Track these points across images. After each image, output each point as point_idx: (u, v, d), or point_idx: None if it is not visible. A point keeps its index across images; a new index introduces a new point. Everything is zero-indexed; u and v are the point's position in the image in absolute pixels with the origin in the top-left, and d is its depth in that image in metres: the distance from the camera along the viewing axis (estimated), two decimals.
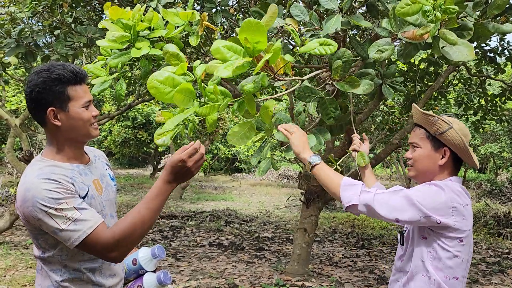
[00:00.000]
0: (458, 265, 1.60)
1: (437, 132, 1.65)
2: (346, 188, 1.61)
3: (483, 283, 4.95)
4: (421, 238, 1.64)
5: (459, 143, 1.63)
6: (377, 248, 6.66)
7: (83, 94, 1.50)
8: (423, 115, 1.67)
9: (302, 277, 4.79)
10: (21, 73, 8.59)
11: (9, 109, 9.84)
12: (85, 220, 1.38)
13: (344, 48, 1.82)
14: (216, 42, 1.47)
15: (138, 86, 7.99)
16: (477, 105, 6.56)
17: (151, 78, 1.42)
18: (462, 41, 1.59)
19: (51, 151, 1.52)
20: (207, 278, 4.83)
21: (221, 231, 7.62)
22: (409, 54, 1.79)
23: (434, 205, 1.53)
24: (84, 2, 4.48)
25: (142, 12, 1.83)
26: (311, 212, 4.90)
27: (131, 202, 10.92)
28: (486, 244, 7.06)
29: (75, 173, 1.50)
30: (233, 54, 1.45)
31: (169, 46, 1.62)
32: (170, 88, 1.44)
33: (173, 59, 1.63)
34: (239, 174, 21.10)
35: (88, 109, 1.52)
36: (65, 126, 1.49)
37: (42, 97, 1.45)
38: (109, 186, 1.67)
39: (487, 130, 11.98)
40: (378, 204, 1.55)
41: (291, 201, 11.78)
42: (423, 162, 1.69)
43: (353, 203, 1.58)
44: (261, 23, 1.37)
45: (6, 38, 4.07)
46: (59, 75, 1.45)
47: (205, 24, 1.98)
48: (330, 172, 1.68)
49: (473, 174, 16.58)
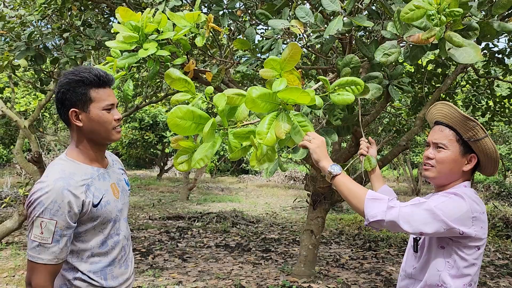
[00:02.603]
0: (475, 272, 1.59)
1: (472, 138, 1.58)
2: (371, 202, 1.54)
3: (491, 286, 4.91)
4: (439, 247, 1.61)
5: (492, 153, 1.59)
6: (384, 250, 6.63)
7: (105, 97, 1.55)
8: (463, 118, 1.57)
9: (309, 278, 4.79)
10: (30, 75, 8.68)
11: (18, 110, 9.95)
12: (44, 249, 1.44)
13: (352, 54, 1.82)
14: (250, 91, 1.45)
15: (145, 87, 8.03)
16: (485, 107, 6.52)
17: (171, 116, 1.43)
18: (469, 43, 1.59)
19: (75, 151, 1.59)
20: (214, 279, 4.84)
21: (228, 232, 7.63)
22: (415, 56, 1.79)
23: (457, 216, 1.50)
24: (93, 5, 4.53)
25: (152, 14, 1.85)
26: (318, 213, 4.90)
27: (138, 203, 10.98)
28: (494, 246, 7.01)
29: (94, 178, 1.57)
30: (265, 104, 1.48)
31: (172, 71, 1.58)
32: (191, 121, 1.45)
33: (179, 84, 1.59)
34: (245, 175, 21.12)
35: (110, 112, 1.56)
36: (86, 127, 1.55)
37: (66, 97, 1.53)
38: (124, 191, 1.72)
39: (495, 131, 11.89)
40: (402, 220, 1.50)
41: (298, 203, 11.77)
42: (448, 165, 1.63)
43: (379, 219, 1.52)
44: (306, 92, 1.42)
45: (16, 41, 4.12)
46: (82, 78, 1.51)
47: (211, 26, 2.00)
48: (351, 184, 1.61)
49: (481, 176, 16.45)
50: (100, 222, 1.56)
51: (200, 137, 1.54)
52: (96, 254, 1.57)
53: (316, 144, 1.65)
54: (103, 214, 1.56)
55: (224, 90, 1.63)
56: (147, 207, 10.47)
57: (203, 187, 15.85)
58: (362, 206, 1.55)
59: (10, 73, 4.71)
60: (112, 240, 1.61)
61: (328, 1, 1.99)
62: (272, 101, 1.47)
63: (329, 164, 1.63)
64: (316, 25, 2.01)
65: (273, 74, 1.53)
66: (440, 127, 1.66)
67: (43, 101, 7.64)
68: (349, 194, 1.60)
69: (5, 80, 8.19)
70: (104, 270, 1.58)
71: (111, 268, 1.60)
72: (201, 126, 1.45)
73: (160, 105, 13.79)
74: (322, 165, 1.64)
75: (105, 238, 1.58)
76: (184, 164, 1.56)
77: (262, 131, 1.47)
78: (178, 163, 1.56)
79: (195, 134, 1.54)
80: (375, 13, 2.13)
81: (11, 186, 11.38)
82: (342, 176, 1.63)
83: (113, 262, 1.61)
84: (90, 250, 1.55)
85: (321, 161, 1.65)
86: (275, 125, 1.48)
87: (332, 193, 4.91)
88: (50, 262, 1.44)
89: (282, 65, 1.53)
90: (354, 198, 1.58)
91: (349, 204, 1.62)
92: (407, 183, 17.15)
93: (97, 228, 1.56)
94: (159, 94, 8.72)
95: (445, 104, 1.65)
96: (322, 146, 1.67)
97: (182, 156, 1.57)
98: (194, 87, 1.61)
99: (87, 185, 1.52)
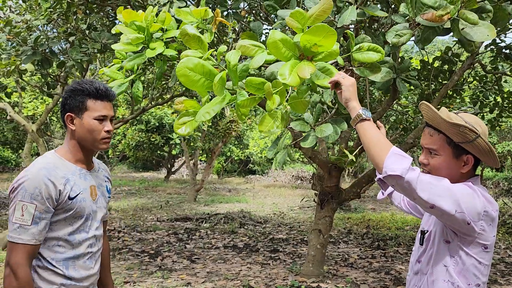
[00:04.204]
0: (481, 271, 1.56)
1: (462, 141, 1.52)
2: (395, 156, 1.42)
3: (502, 283, 4.86)
4: (443, 241, 1.58)
5: (487, 152, 1.54)
6: (393, 248, 6.59)
7: (100, 108, 1.71)
8: (447, 124, 1.50)
9: (317, 278, 4.77)
10: (37, 79, 8.74)
11: (26, 115, 10.03)
12: (24, 230, 1.57)
13: (364, 35, 1.79)
14: (272, 34, 1.39)
15: (151, 89, 8.06)
16: (493, 103, 6.46)
17: (181, 66, 1.39)
18: (483, 22, 1.55)
19: (64, 150, 1.75)
20: (222, 280, 4.84)
21: (236, 233, 7.63)
22: (427, 38, 1.74)
23: (469, 205, 1.46)
24: (98, 9, 4.55)
25: (155, 13, 1.85)
26: (326, 213, 4.88)
27: (146, 205, 11.02)
28: (504, 244, 6.94)
29: (75, 175, 1.71)
30: (286, 50, 1.41)
31: (188, 27, 1.54)
32: (200, 75, 1.41)
33: (193, 42, 1.56)
34: (252, 176, 21.12)
35: (101, 123, 1.72)
36: (78, 132, 1.72)
37: (67, 102, 1.72)
38: (103, 196, 1.84)
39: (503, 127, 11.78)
40: (420, 185, 1.41)
41: (305, 202, 11.74)
42: (445, 171, 1.57)
43: (398, 174, 1.39)
44: (333, 30, 1.34)
45: (23, 46, 4.15)
46: (83, 88, 1.70)
47: (219, 20, 1.98)
48: (378, 133, 1.49)
49: (490, 172, 16.31)
50: (72, 216, 1.68)
51: (204, 100, 1.50)
52: (62, 245, 1.67)
53: (350, 82, 1.52)
54: (77, 209, 1.68)
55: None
56: (155, 209, 10.51)
57: (210, 188, 15.87)
58: (384, 156, 1.43)
59: (17, 77, 4.75)
60: (80, 236, 1.71)
61: None
62: (293, 50, 1.40)
63: (360, 106, 1.52)
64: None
65: (297, 25, 1.43)
66: (429, 131, 1.60)
67: (50, 105, 7.70)
68: (372, 141, 1.47)
69: (12, 84, 8.27)
70: (66, 261, 1.68)
71: (74, 261, 1.69)
72: (209, 82, 1.40)
73: (166, 107, 13.84)
74: (353, 106, 1.51)
75: (73, 231, 1.69)
76: (187, 125, 1.49)
77: (284, 72, 1.37)
78: (179, 124, 1.50)
79: None
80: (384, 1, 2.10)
81: None
82: (371, 122, 1.51)
83: (77, 256, 1.70)
84: (57, 239, 1.66)
85: (351, 101, 1.52)
86: (298, 67, 1.39)
87: (339, 192, 4.89)
88: (29, 242, 1.57)
89: (309, 21, 1.42)
90: (377, 146, 1.46)
91: (368, 152, 1.49)
92: None
93: (68, 220, 1.68)
94: (165, 96, 8.75)
95: (427, 107, 1.57)
96: (354, 86, 1.54)
97: (185, 117, 1.50)
98: (207, 46, 1.57)
99: (67, 179, 1.67)
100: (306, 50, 1.42)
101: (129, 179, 18.48)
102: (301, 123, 2.03)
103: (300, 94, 1.55)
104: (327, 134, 1.88)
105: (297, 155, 18.39)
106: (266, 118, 1.52)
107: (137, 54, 1.86)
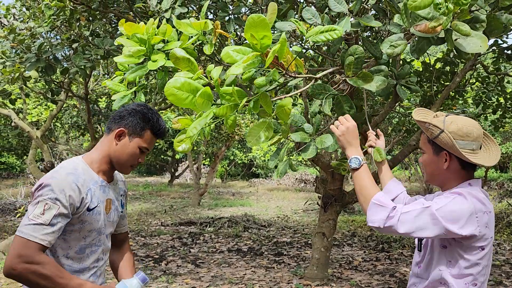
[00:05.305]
0: (478, 271, 1.57)
1: (431, 136, 1.62)
2: (374, 208, 1.56)
3: (507, 285, 4.84)
4: (441, 247, 1.60)
5: (451, 147, 1.57)
6: (397, 251, 6.58)
7: (149, 142, 1.76)
8: (417, 122, 1.65)
9: (322, 281, 4.77)
10: (41, 86, 8.80)
11: (30, 121, 10.09)
12: (41, 229, 1.53)
13: (356, 45, 1.82)
14: (225, 48, 1.51)
15: (154, 95, 8.10)
16: (496, 104, 6.44)
17: (168, 86, 1.46)
18: (476, 33, 1.57)
19: (91, 158, 1.75)
20: (227, 283, 4.85)
21: (240, 237, 7.64)
22: (422, 48, 1.76)
23: (458, 220, 1.49)
24: (101, 16, 4.59)
25: (156, 25, 1.87)
26: (329, 216, 4.88)
27: (150, 210, 11.04)
28: (509, 245, 6.91)
29: (97, 187, 1.71)
30: (242, 56, 1.49)
31: (177, 50, 1.61)
32: (188, 93, 1.48)
33: (183, 64, 1.62)
34: (256, 179, 21.10)
35: (141, 154, 1.76)
36: (118, 149, 1.73)
37: (126, 118, 1.73)
38: (116, 210, 1.84)
39: (507, 128, 11.73)
40: (402, 226, 1.51)
41: (309, 205, 11.73)
42: (430, 167, 1.68)
43: (376, 226, 1.55)
44: (264, 17, 1.39)
45: (27, 53, 4.19)
46: (150, 118, 1.74)
47: (218, 32, 2.01)
48: (365, 181, 1.64)
49: (494, 173, 16.24)
50: (86, 229, 1.67)
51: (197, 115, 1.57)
52: (71, 257, 1.66)
53: (341, 131, 1.66)
54: (92, 221, 1.67)
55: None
56: (159, 214, 10.52)
57: (214, 192, 15.88)
58: (366, 206, 1.59)
59: (22, 84, 4.78)
60: (90, 249, 1.71)
61: (334, 2, 2.00)
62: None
63: (352, 155, 1.65)
64: (323, 26, 2.01)
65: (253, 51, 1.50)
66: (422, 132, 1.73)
67: (54, 111, 7.74)
68: (359, 191, 1.64)
69: (16, 91, 8.32)
70: (72, 274, 1.64)
71: (79, 275, 1.68)
72: (201, 99, 1.47)
73: (169, 111, 13.88)
74: (346, 154, 1.66)
75: (85, 245, 1.69)
76: (185, 142, 1.58)
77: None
78: (178, 142, 1.59)
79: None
80: (381, 11, 2.12)
81: (25, 196, 11.51)
82: (360, 171, 1.65)
83: (83, 270, 1.69)
84: (67, 250, 1.65)
85: (345, 150, 1.67)
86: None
87: (343, 195, 4.90)
88: (41, 242, 1.53)
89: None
90: (362, 196, 1.62)
91: (358, 199, 1.66)
92: (419, 183, 16.97)
93: (82, 233, 1.67)
94: (167, 101, 8.78)
95: (418, 110, 1.70)
96: (348, 132, 1.67)
97: (182, 135, 1.59)
98: (197, 66, 1.63)
99: (89, 188, 1.66)
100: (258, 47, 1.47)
101: (133, 184, 18.52)
102: (301, 134, 2.03)
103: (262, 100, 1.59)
104: (327, 145, 1.90)
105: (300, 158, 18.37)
106: (253, 129, 1.61)
107: (138, 66, 1.88)
